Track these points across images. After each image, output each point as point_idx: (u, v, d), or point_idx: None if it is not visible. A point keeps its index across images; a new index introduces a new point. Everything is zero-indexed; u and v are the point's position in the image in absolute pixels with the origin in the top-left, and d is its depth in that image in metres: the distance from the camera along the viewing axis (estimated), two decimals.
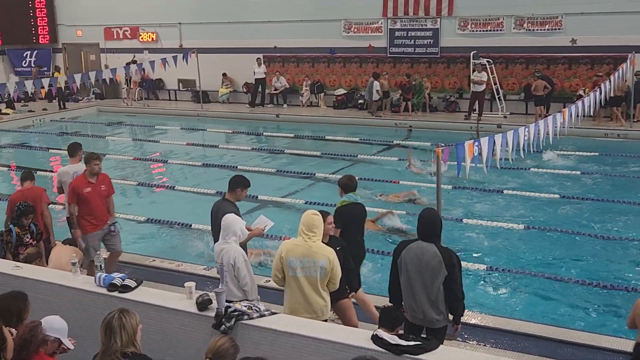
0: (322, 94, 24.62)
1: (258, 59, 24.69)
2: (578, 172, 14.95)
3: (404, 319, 5.70)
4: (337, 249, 6.41)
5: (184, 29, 26.91)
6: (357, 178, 8.15)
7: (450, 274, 5.72)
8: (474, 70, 20.92)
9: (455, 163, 8.24)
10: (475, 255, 10.33)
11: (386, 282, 6.28)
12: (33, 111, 25.44)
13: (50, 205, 9.44)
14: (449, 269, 5.71)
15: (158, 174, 16.83)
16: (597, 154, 16.57)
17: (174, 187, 14.81)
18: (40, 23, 29.43)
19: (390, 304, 6.07)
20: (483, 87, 20.72)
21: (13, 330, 4.69)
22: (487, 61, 21.11)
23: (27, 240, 8.14)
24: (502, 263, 10.00)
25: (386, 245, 10.62)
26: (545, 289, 9.15)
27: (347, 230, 7.38)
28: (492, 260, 10.08)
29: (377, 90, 21.89)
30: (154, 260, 9.85)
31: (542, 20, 20.99)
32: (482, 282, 9.36)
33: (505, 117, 20.96)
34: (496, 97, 21.23)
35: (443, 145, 7.84)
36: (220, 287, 6.21)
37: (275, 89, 25.11)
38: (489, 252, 10.49)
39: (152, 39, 27.75)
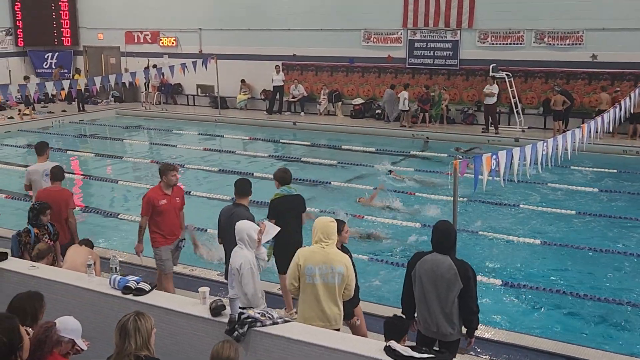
0: (340, 103, 24.62)
1: (277, 66, 24.80)
2: (596, 190, 14.82)
3: (408, 329, 5.67)
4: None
5: (204, 35, 27.05)
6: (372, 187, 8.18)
7: (466, 286, 5.69)
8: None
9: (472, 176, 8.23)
10: (489, 269, 10.27)
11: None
12: (52, 112, 25.70)
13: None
14: (464, 281, 5.68)
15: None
16: (615, 170, 16.43)
17: (190, 192, 14.81)
18: (62, 26, 29.75)
19: (395, 315, 6.02)
20: (494, 99, 20.67)
21: (29, 329, 4.72)
22: (507, 74, 21.04)
23: (46, 240, 8.10)
24: (517, 278, 9.94)
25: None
26: (559, 305, 9.09)
27: (282, 221, 7.41)
28: (507, 275, 10.02)
29: (404, 100, 21.88)
30: None
31: (562, 34, 20.88)
32: (496, 296, 9.30)
33: (523, 131, 20.86)
34: (514, 110, 21.15)
35: (460, 157, 7.84)
36: (230, 291, 6.23)
37: (293, 97, 25.16)
38: (503, 266, 10.43)
39: (172, 43, 27.92)
